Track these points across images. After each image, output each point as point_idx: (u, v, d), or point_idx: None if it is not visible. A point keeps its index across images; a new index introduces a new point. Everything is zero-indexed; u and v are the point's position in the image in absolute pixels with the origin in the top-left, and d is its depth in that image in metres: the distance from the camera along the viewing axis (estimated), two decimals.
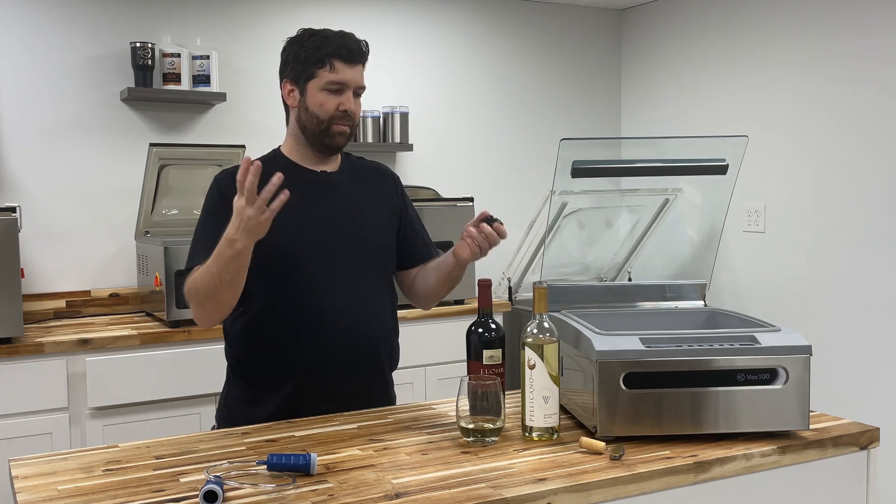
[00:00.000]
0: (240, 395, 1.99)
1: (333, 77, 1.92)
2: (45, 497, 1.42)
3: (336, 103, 1.93)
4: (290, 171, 1.97)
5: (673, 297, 2.27)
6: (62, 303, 3.38)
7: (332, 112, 1.93)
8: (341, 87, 1.93)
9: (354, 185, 2.05)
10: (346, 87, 1.93)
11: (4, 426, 2.76)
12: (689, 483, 1.55)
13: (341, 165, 2.06)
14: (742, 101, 3.96)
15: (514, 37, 4.37)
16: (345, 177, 2.04)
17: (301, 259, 1.91)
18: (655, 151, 3.02)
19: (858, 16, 3.44)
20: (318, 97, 1.93)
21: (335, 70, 1.92)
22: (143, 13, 3.52)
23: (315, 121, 1.94)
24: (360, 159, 2.15)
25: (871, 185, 3.41)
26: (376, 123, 3.88)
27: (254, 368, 1.97)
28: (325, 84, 1.92)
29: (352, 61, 1.93)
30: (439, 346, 3.44)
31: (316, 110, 1.93)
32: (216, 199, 1.94)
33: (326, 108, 1.93)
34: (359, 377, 1.97)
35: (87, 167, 3.43)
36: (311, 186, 1.97)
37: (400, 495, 1.40)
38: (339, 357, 1.93)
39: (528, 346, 1.67)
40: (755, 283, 3.91)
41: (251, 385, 1.98)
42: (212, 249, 1.85)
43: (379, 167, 2.16)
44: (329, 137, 1.95)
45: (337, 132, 1.95)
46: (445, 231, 3.61)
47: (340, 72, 1.92)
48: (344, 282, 1.93)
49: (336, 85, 1.92)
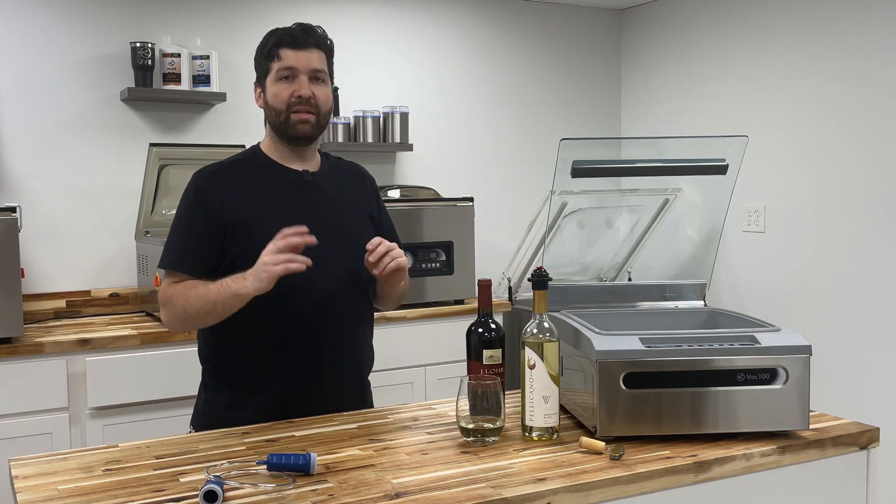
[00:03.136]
0: (220, 400, 1.96)
1: (282, 64, 1.92)
2: (45, 497, 1.42)
3: (290, 91, 1.92)
4: (273, 169, 1.98)
5: (673, 297, 2.27)
6: (62, 303, 3.38)
7: (286, 100, 1.92)
8: (291, 72, 1.93)
9: (336, 187, 2.04)
10: (298, 72, 1.92)
11: (4, 426, 2.76)
12: (688, 483, 1.55)
13: (322, 165, 2.05)
14: (742, 101, 3.96)
15: (514, 37, 4.37)
16: (326, 177, 2.03)
17: None
18: (655, 151, 3.01)
19: (858, 15, 3.44)
20: (272, 89, 1.94)
21: (281, 58, 1.92)
22: (143, 13, 3.52)
23: (275, 113, 1.94)
24: (339, 159, 2.14)
25: (870, 185, 3.41)
26: (376, 123, 3.88)
27: (235, 371, 1.95)
28: (277, 74, 1.93)
29: (297, 46, 1.93)
30: (439, 346, 3.44)
31: (273, 102, 1.94)
32: (192, 199, 1.93)
33: (281, 97, 1.92)
34: (341, 378, 1.97)
35: (87, 167, 3.43)
36: (295, 187, 1.97)
37: (400, 495, 1.40)
38: (323, 358, 1.92)
39: (528, 345, 1.67)
40: (755, 283, 3.91)
41: (232, 388, 1.95)
42: (186, 251, 1.88)
43: (357, 168, 2.16)
44: (290, 127, 1.94)
45: (297, 120, 1.93)
46: (445, 231, 3.62)
47: (287, 58, 1.92)
48: (328, 282, 1.92)
49: (286, 71, 1.93)
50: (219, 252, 1.90)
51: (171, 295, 1.88)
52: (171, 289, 1.89)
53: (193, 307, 1.84)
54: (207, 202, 1.91)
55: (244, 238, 1.89)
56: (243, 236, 1.89)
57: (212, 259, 1.90)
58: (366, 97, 3.96)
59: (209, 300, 1.81)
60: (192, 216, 1.92)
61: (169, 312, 1.90)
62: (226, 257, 1.90)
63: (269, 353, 1.90)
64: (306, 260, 1.74)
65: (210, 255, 1.90)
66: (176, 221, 1.95)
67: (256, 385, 1.93)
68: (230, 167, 1.99)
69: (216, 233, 1.89)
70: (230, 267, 1.89)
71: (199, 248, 1.90)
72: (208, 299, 1.81)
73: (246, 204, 1.91)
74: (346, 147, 3.82)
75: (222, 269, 1.90)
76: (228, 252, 1.90)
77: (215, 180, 1.95)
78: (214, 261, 1.91)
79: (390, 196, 3.76)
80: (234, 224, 1.89)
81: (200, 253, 1.90)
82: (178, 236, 1.93)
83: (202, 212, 1.91)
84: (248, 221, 1.89)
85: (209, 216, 1.90)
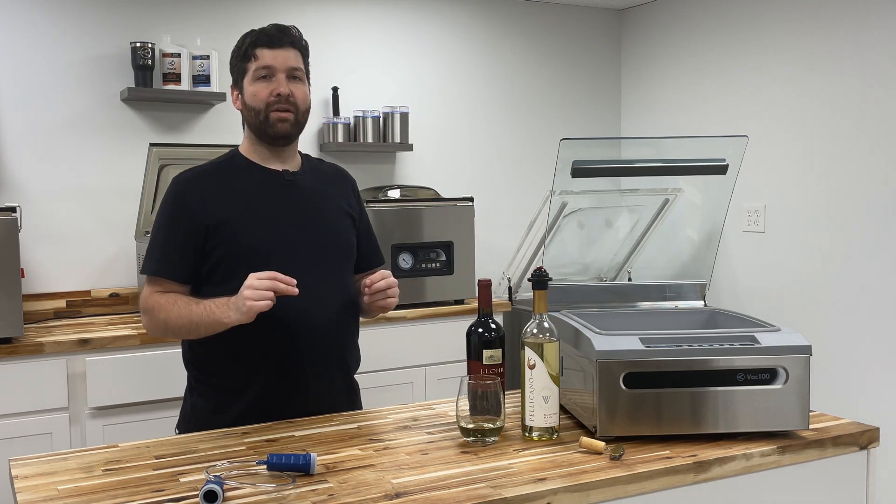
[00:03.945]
0: (205, 404, 1.96)
1: (259, 63, 1.92)
2: (45, 497, 1.42)
3: (268, 90, 1.92)
4: (252, 170, 1.97)
5: (673, 297, 2.27)
6: (62, 303, 3.38)
7: (265, 99, 1.92)
8: (269, 71, 1.92)
9: (317, 186, 2.03)
10: (275, 71, 1.92)
11: (4, 426, 2.76)
12: (688, 483, 1.55)
13: (303, 166, 2.05)
14: (742, 101, 3.96)
15: (514, 37, 4.37)
16: (307, 177, 2.03)
17: (271, 260, 1.88)
18: (655, 151, 3.01)
19: (858, 15, 3.44)
20: (250, 89, 1.94)
21: (258, 58, 1.92)
22: (143, 13, 3.52)
23: (254, 113, 1.94)
24: (320, 161, 2.14)
25: (871, 185, 3.41)
26: (376, 123, 3.88)
27: (220, 375, 1.94)
28: (253, 73, 1.93)
29: (273, 45, 1.93)
30: (439, 346, 3.44)
31: (251, 101, 1.93)
32: (171, 204, 1.94)
33: (260, 97, 1.92)
34: (326, 378, 1.97)
35: (87, 167, 3.43)
36: (276, 186, 1.96)
37: (400, 495, 1.40)
38: (307, 358, 1.92)
39: (528, 345, 1.67)
40: (755, 283, 3.91)
41: (217, 390, 1.95)
42: (166, 257, 1.89)
43: (338, 170, 2.15)
44: (270, 126, 1.93)
45: (276, 119, 1.92)
46: (445, 231, 3.62)
47: (263, 57, 1.92)
48: (313, 282, 1.91)
49: (263, 71, 1.92)
50: (200, 255, 1.90)
51: (153, 306, 1.89)
52: (153, 298, 1.90)
53: (175, 324, 1.86)
54: (187, 205, 1.91)
55: (226, 239, 1.89)
56: (225, 237, 1.89)
57: (193, 263, 1.90)
58: (366, 97, 3.96)
59: (192, 321, 1.84)
60: (172, 221, 1.92)
61: (150, 321, 1.92)
62: (208, 259, 1.90)
63: (253, 356, 1.89)
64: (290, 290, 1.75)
65: (191, 260, 1.90)
66: (156, 227, 1.95)
67: (241, 388, 1.92)
68: (209, 170, 1.99)
69: (197, 236, 1.89)
70: (213, 269, 1.90)
71: (180, 253, 1.90)
72: (191, 320, 1.84)
73: (226, 205, 1.91)
74: (346, 147, 3.82)
75: (205, 270, 1.91)
76: (210, 254, 1.90)
77: (194, 183, 1.94)
78: (196, 265, 1.91)
79: (390, 196, 3.76)
80: (215, 225, 1.89)
81: (181, 258, 1.90)
82: (158, 242, 1.93)
83: (182, 216, 1.91)
84: (229, 222, 1.89)
85: (189, 220, 1.90)
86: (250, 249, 1.89)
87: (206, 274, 1.91)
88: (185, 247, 1.89)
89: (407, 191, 3.83)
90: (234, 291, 1.85)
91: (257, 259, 1.87)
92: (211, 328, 1.83)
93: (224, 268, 1.89)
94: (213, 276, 1.91)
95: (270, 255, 1.89)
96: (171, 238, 1.91)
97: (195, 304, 1.84)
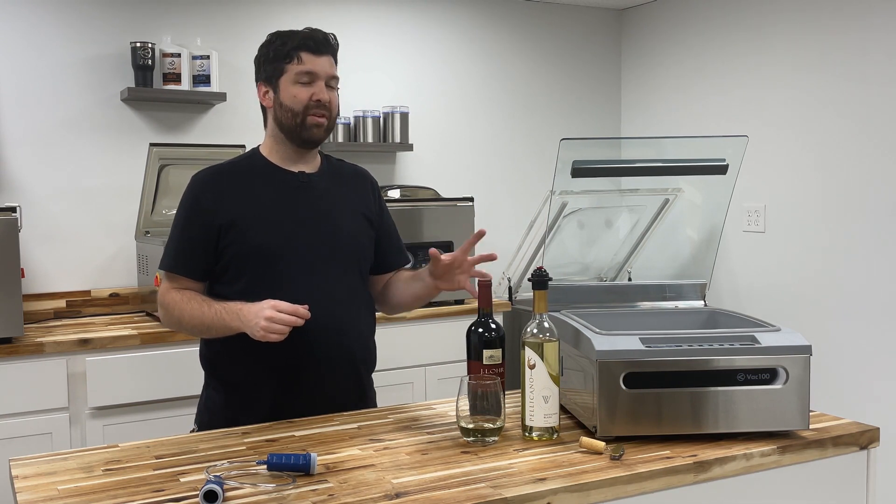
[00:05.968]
0: (219, 398, 1.99)
1: (302, 68, 1.93)
2: (45, 497, 1.42)
3: (309, 94, 1.93)
4: (267, 171, 1.99)
5: (673, 297, 2.27)
6: (62, 303, 3.38)
7: (305, 102, 1.93)
8: (311, 77, 1.94)
9: (332, 188, 2.04)
10: (317, 77, 1.94)
11: (4, 426, 2.75)
12: (688, 483, 1.55)
13: (321, 167, 2.06)
14: (742, 101, 3.96)
15: (514, 37, 4.37)
16: (323, 179, 2.03)
17: (279, 260, 1.91)
18: (655, 151, 3.02)
19: (858, 15, 3.44)
20: (290, 90, 1.94)
21: (303, 62, 1.93)
22: (143, 13, 3.52)
23: (290, 114, 1.94)
24: (340, 161, 2.14)
25: (871, 185, 3.41)
26: (376, 123, 3.88)
27: (232, 371, 1.97)
28: (295, 76, 1.94)
29: (318, 52, 1.95)
30: (439, 346, 3.44)
31: (290, 103, 1.94)
32: (189, 202, 1.97)
33: (300, 99, 1.93)
34: (335, 378, 1.97)
35: (87, 167, 3.43)
36: (288, 188, 1.98)
37: (400, 495, 1.40)
38: (315, 358, 1.92)
39: (528, 345, 1.67)
40: (755, 283, 3.91)
41: (229, 388, 1.98)
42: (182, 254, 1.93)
43: (358, 170, 2.15)
44: (306, 130, 1.95)
45: (313, 123, 1.94)
46: (445, 231, 3.62)
47: (308, 62, 1.93)
48: (321, 283, 1.93)
49: (306, 76, 1.94)
50: (213, 254, 1.93)
51: (170, 303, 1.94)
52: (170, 295, 1.95)
53: (189, 323, 1.91)
54: (203, 204, 1.94)
55: (236, 240, 1.91)
56: (235, 238, 1.91)
57: (207, 261, 1.94)
58: (366, 97, 3.96)
59: (203, 323, 1.88)
60: (188, 219, 1.95)
61: (166, 316, 1.97)
62: (220, 258, 1.93)
63: (264, 353, 1.90)
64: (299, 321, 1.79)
65: (205, 258, 1.93)
66: (174, 223, 1.99)
67: (252, 385, 1.94)
68: (227, 169, 2.01)
69: (210, 235, 1.92)
70: (224, 268, 1.93)
71: (195, 251, 1.94)
72: (203, 322, 1.88)
73: (238, 205, 1.93)
74: (346, 147, 3.82)
75: (218, 269, 1.94)
76: (223, 254, 1.93)
77: (211, 182, 1.97)
78: (210, 263, 1.94)
79: (390, 196, 3.76)
80: (227, 225, 1.91)
81: (196, 256, 1.94)
82: (174, 239, 1.97)
83: (198, 214, 1.94)
84: (240, 222, 1.92)
85: (204, 218, 1.93)
86: (258, 250, 1.91)
87: (219, 273, 1.95)
88: (199, 245, 1.93)
89: (407, 191, 3.83)
90: (243, 291, 1.88)
91: (264, 260, 1.90)
92: (221, 331, 1.87)
93: (234, 268, 1.91)
94: (224, 275, 1.94)
95: (277, 256, 1.92)
96: (187, 236, 1.94)
97: (207, 307, 1.88)
